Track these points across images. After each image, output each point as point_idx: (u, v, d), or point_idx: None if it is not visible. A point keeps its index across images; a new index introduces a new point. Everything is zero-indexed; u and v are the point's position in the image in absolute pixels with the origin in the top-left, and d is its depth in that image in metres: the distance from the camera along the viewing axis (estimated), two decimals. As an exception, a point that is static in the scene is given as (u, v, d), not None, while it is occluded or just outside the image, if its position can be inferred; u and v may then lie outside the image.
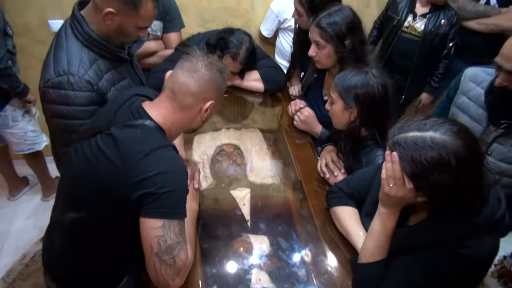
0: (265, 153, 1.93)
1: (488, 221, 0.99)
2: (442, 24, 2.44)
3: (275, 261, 1.38)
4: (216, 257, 1.38)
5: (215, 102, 1.22)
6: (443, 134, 0.92)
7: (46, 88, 1.33)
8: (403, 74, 2.65)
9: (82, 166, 1.14)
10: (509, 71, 1.33)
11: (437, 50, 2.54)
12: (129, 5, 1.29)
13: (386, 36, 2.66)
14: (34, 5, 2.39)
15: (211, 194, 1.67)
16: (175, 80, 1.18)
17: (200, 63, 1.18)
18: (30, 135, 2.51)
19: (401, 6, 2.52)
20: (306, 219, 1.53)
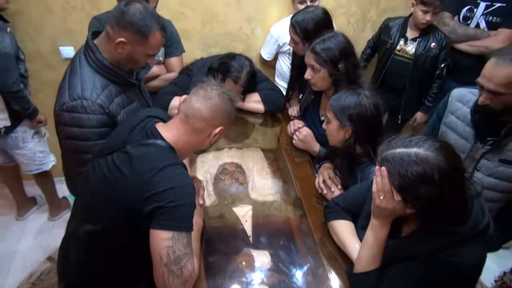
0: (266, 172, 2.00)
1: (473, 231, 1.06)
2: (432, 47, 2.55)
3: (276, 275, 1.43)
4: (220, 271, 1.43)
5: (224, 128, 1.32)
6: (427, 150, 1.00)
7: (61, 111, 1.43)
8: (397, 94, 2.75)
9: (99, 181, 1.22)
10: (490, 90, 1.42)
11: (429, 72, 2.64)
12: (139, 35, 1.40)
13: (380, 58, 2.78)
14: (46, 32, 2.52)
15: (215, 211, 1.73)
16: (189, 105, 1.27)
17: (214, 92, 1.28)
18: (39, 155, 2.60)
19: (393, 30, 2.64)
20: (305, 234, 1.58)
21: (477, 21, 2.65)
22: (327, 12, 2.01)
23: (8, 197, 2.97)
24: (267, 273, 1.44)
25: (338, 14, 2.87)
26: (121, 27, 1.40)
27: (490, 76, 1.41)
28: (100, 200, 1.22)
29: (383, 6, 2.90)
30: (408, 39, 2.61)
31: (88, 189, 1.28)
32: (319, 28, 1.87)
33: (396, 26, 2.64)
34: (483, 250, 1.09)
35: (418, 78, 2.66)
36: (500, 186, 1.61)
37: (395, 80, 2.70)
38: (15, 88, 2.17)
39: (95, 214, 1.25)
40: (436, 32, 2.57)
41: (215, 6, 2.65)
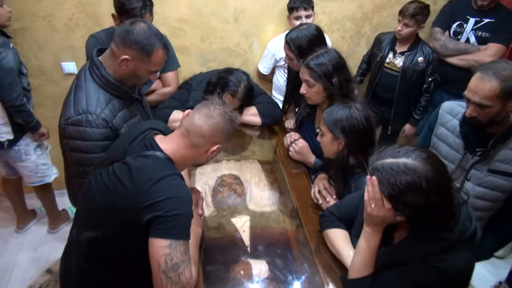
0: (264, 183, 2.05)
1: (461, 237, 1.11)
2: (419, 61, 2.63)
3: (274, 284, 1.47)
4: (218, 280, 1.47)
5: (221, 146, 1.38)
6: (414, 160, 1.06)
7: (67, 125, 1.48)
8: (387, 106, 2.84)
9: (99, 190, 1.27)
10: (476, 103, 1.48)
11: (416, 85, 2.72)
12: (143, 53, 1.47)
13: (372, 70, 2.87)
14: (49, 49, 2.59)
15: (213, 222, 1.78)
16: (191, 121, 1.33)
17: (217, 111, 1.34)
18: (42, 168, 2.63)
19: (384, 44, 2.74)
20: (302, 244, 1.62)
21: (467, 36, 2.75)
22: (319, 29, 2.09)
23: (8, 210, 3.00)
24: (265, 281, 1.48)
25: (333, 30, 2.96)
26: (125, 45, 1.46)
27: (476, 90, 1.47)
28: (101, 208, 1.27)
29: (376, 22, 2.99)
30: (397, 52, 2.70)
31: (90, 197, 1.33)
32: (312, 45, 1.95)
33: (387, 39, 2.74)
34: (470, 255, 1.13)
35: (406, 91, 2.74)
36: (489, 195, 1.66)
37: (385, 92, 2.80)
38: (19, 102, 2.23)
39: (95, 221, 1.30)
40: (424, 47, 2.66)
41: (214, 23, 2.73)
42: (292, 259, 1.57)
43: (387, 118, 2.89)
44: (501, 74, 1.42)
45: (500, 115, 1.50)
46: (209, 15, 2.69)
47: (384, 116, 2.89)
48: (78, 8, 2.48)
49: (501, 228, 1.75)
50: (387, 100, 2.82)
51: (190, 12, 2.65)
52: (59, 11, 2.46)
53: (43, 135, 2.51)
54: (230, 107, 1.43)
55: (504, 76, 1.42)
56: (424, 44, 2.68)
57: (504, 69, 1.43)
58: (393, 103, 2.80)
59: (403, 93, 2.75)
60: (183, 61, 2.72)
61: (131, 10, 1.93)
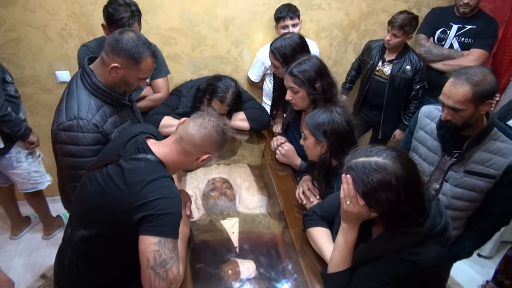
0: (253, 186, 2.10)
1: (432, 232, 1.17)
2: (407, 69, 2.71)
3: (261, 282, 1.53)
4: (206, 279, 1.52)
5: (211, 155, 1.45)
6: (385, 158, 1.13)
7: (59, 130, 1.54)
8: (378, 110, 2.93)
9: (94, 190, 1.33)
10: (450, 107, 1.55)
11: (404, 92, 2.80)
12: (132, 60, 1.54)
13: (363, 77, 2.95)
14: (43, 57, 2.65)
15: (203, 224, 1.83)
16: (185, 129, 1.40)
17: (211, 123, 1.40)
18: (34, 175, 2.66)
19: (374, 52, 2.82)
20: (288, 244, 1.68)
21: (450, 42, 2.84)
22: (302, 37, 2.17)
23: (2, 217, 3.04)
24: (252, 280, 1.53)
25: (321, 37, 3.04)
26: (115, 53, 1.53)
27: (449, 94, 1.54)
28: (94, 208, 1.33)
29: (363, 29, 3.08)
30: (386, 60, 2.78)
31: (84, 197, 1.38)
32: (296, 53, 2.02)
33: (377, 47, 2.82)
34: (441, 249, 1.19)
35: (395, 97, 2.82)
36: (466, 195, 1.72)
37: (375, 98, 2.88)
38: (2, 112, 2.22)
39: (89, 220, 1.36)
40: (412, 55, 2.73)
41: (204, 32, 2.81)
42: (278, 259, 1.62)
43: (377, 122, 2.98)
44: (472, 79, 1.49)
45: (474, 118, 1.56)
46: (199, 24, 2.77)
47: (375, 120, 2.98)
48: (71, 19, 2.54)
49: (479, 228, 1.80)
50: (377, 106, 2.90)
51: (181, 21, 2.72)
52: (53, 22, 2.53)
53: (33, 143, 2.54)
54: (225, 120, 1.50)
55: (476, 81, 1.48)
56: (412, 53, 2.76)
57: (475, 74, 1.50)
58: (383, 109, 2.88)
59: (392, 99, 2.83)
60: (174, 69, 2.80)
61: (119, 20, 2.00)
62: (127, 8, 2.05)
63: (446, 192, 1.76)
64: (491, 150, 1.63)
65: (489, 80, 1.49)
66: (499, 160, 1.61)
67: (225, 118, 2.34)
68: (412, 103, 2.83)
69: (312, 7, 2.89)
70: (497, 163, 1.62)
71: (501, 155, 1.61)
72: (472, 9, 2.71)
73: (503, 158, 1.61)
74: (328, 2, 2.89)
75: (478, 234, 1.81)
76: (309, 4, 2.87)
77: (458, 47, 2.82)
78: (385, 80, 2.78)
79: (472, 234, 1.82)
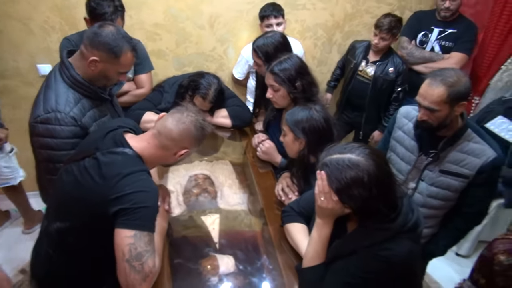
0: (234, 183, 2.12)
1: (403, 228, 1.20)
2: (390, 71, 2.75)
3: (239, 277, 1.55)
4: (185, 273, 1.53)
5: (189, 150, 1.46)
6: (358, 155, 1.15)
7: (36, 123, 1.53)
8: (359, 111, 2.96)
9: (70, 183, 1.33)
10: (425, 107, 1.59)
11: (386, 93, 2.84)
12: (111, 54, 1.53)
13: (345, 77, 2.98)
14: (25, 50, 2.62)
15: (184, 219, 1.84)
16: (163, 124, 1.41)
17: (189, 118, 1.42)
18: (4, 170, 2.62)
19: (358, 52, 2.85)
20: (267, 240, 1.70)
21: (431, 45, 2.90)
22: (284, 36, 2.19)
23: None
24: (231, 275, 1.55)
25: (305, 37, 3.07)
26: (94, 47, 1.53)
27: (425, 95, 1.58)
28: (71, 200, 1.33)
29: (347, 30, 3.11)
30: (369, 61, 2.82)
31: (60, 190, 1.38)
32: (278, 51, 2.04)
33: (362, 47, 2.85)
34: (413, 245, 1.22)
35: (376, 98, 2.86)
36: (441, 194, 1.76)
37: (357, 98, 2.91)
38: None
39: (65, 212, 1.36)
40: (395, 58, 2.78)
41: (189, 28, 2.81)
42: (257, 254, 1.64)
43: (359, 123, 3.02)
44: (447, 81, 1.53)
45: (449, 119, 1.60)
46: (184, 21, 2.77)
47: (356, 121, 3.02)
48: (54, 12, 2.52)
49: (453, 226, 1.84)
50: (359, 106, 2.94)
51: (166, 17, 2.72)
52: (35, 14, 2.50)
53: (1, 139, 2.50)
54: (203, 115, 1.50)
55: (451, 82, 1.52)
56: (395, 55, 2.79)
57: (450, 76, 1.54)
58: (364, 109, 2.92)
59: (374, 100, 2.87)
60: (159, 65, 2.80)
61: (102, 14, 1.99)
62: (111, 3, 2.04)
63: (422, 190, 1.79)
64: (465, 150, 1.67)
65: (463, 82, 1.53)
66: (472, 161, 1.66)
67: (204, 114, 2.34)
68: (392, 104, 2.87)
69: (297, 7, 2.92)
70: (470, 163, 1.66)
71: (474, 155, 1.65)
72: (453, 14, 2.77)
73: (476, 159, 1.65)
74: (313, 2, 2.92)
75: (452, 232, 1.85)
76: (294, 4, 2.89)
77: (439, 50, 2.88)
78: (368, 80, 2.82)
79: (446, 233, 1.87)
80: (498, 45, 2.83)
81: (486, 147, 1.65)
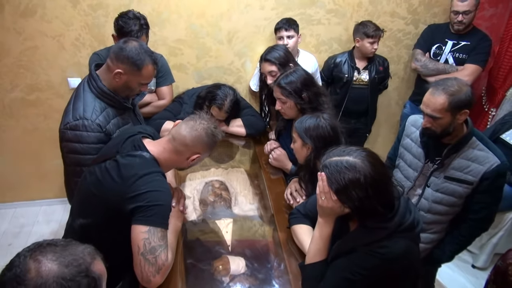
0: (248, 189, 2.21)
1: (400, 227, 1.26)
2: (380, 70, 2.94)
3: (249, 278, 1.63)
4: (198, 272, 1.63)
5: (201, 156, 1.57)
6: (355, 158, 1.23)
7: (65, 129, 1.69)
8: (356, 118, 3.10)
9: (92, 183, 1.47)
10: (429, 115, 1.65)
11: (377, 89, 3.11)
12: (134, 67, 1.68)
13: (339, 90, 3.04)
14: (57, 65, 2.81)
15: (199, 223, 1.94)
16: (178, 131, 1.53)
17: (201, 126, 1.54)
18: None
19: (345, 66, 2.96)
20: (277, 243, 1.77)
21: (445, 57, 2.95)
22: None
23: None
24: (241, 276, 1.63)
25: (321, 50, 3.17)
26: (119, 60, 1.68)
27: (428, 103, 1.65)
28: (92, 198, 1.45)
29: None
30: (360, 69, 2.94)
31: (84, 189, 1.52)
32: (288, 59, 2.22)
33: (344, 61, 2.97)
34: (410, 243, 1.28)
35: (374, 96, 3.09)
36: (446, 200, 1.81)
37: (356, 104, 3.03)
38: None
39: (87, 210, 1.49)
40: (378, 57, 2.95)
41: (209, 43, 2.96)
42: (267, 257, 1.73)
43: (357, 129, 3.16)
44: (449, 90, 1.59)
45: (452, 126, 1.66)
46: (204, 37, 2.92)
47: (357, 127, 3.16)
48: (84, 30, 2.72)
49: (459, 233, 1.87)
50: (356, 112, 3.07)
51: (187, 33, 2.88)
52: (67, 32, 2.70)
53: None
54: (215, 123, 1.62)
55: (452, 91, 1.59)
56: (376, 55, 2.96)
57: (452, 86, 1.60)
58: (367, 111, 3.09)
59: (372, 99, 3.07)
60: (180, 78, 2.95)
61: (129, 32, 2.16)
62: (137, 21, 2.21)
63: (428, 196, 1.84)
64: (470, 157, 1.72)
65: (464, 91, 1.59)
66: (476, 167, 1.70)
67: (220, 123, 2.46)
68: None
69: (312, 22, 3.03)
70: (474, 170, 1.70)
71: (478, 162, 1.70)
72: (466, 27, 2.81)
73: (480, 166, 1.69)
74: (327, 17, 3.03)
75: (458, 238, 1.88)
76: (309, 20, 3.01)
77: (453, 62, 2.92)
78: (365, 86, 2.97)
79: (452, 239, 1.90)
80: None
81: (490, 154, 1.69)
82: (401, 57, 3.30)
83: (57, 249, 0.89)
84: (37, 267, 0.84)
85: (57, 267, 0.86)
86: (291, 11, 2.92)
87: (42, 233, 3.09)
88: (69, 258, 0.88)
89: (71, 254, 0.90)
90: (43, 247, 0.89)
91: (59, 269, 0.86)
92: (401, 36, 3.21)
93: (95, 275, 0.93)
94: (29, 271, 0.83)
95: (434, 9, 3.13)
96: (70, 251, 0.90)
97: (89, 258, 0.93)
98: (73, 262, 0.88)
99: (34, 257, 0.85)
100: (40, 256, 0.86)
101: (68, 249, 0.91)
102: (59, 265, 0.86)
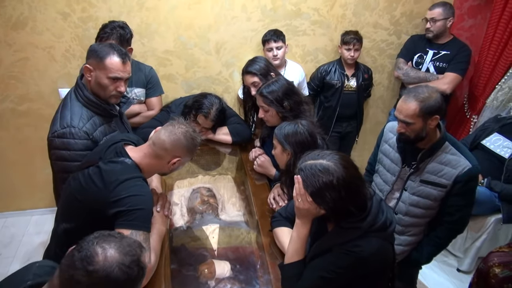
0: (234, 195, 2.27)
1: (372, 227, 1.32)
2: (366, 77, 3.17)
3: (233, 281, 1.67)
4: (184, 277, 1.67)
5: (181, 159, 1.62)
6: (328, 161, 1.29)
7: (53, 137, 1.74)
8: (347, 121, 3.26)
9: (75, 188, 1.52)
10: (402, 120, 1.73)
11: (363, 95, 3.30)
12: (97, 59, 1.72)
13: (331, 96, 3.16)
14: (48, 76, 2.86)
15: (186, 229, 1.98)
16: (157, 136, 1.59)
17: (180, 130, 1.59)
18: None
19: (336, 74, 3.09)
20: (260, 246, 1.82)
21: (427, 66, 3.04)
22: None
23: None
24: (226, 280, 1.68)
25: (307, 60, 3.25)
26: (87, 57, 1.75)
27: (401, 110, 1.72)
28: (75, 203, 1.50)
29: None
30: (349, 76, 3.09)
31: (67, 194, 1.57)
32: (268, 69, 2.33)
33: (334, 69, 3.11)
34: (382, 242, 1.34)
35: (361, 101, 3.24)
36: (422, 203, 1.87)
37: (346, 109, 3.17)
38: None
39: (71, 214, 1.54)
40: (361, 65, 3.18)
41: (197, 54, 3.03)
42: (251, 260, 1.77)
43: (349, 132, 3.32)
44: (419, 97, 1.67)
45: (424, 131, 1.73)
46: (192, 48, 2.99)
47: (348, 130, 3.31)
48: (75, 41, 2.78)
49: (435, 235, 1.93)
50: (346, 117, 3.22)
51: (176, 44, 2.95)
52: (58, 43, 2.76)
53: None
54: (194, 127, 1.67)
55: (422, 98, 1.67)
56: (359, 63, 3.17)
57: (422, 93, 1.68)
58: (356, 115, 3.26)
59: (360, 103, 3.24)
60: (169, 88, 3.01)
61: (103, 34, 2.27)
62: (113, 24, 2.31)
63: (405, 199, 1.91)
64: (443, 161, 1.79)
65: (434, 97, 1.67)
66: (449, 171, 1.77)
67: (206, 131, 2.53)
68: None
69: (298, 33, 3.11)
70: (447, 174, 1.77)
71: (451, 166, 1.77)
72: (437, 36, 2.95)
73: (453, 169, 1.76)
74: (312, 28, 3.11)
75: (434, 240, 1.94)
76: (295, 31, 3.09)
77: (433, 70, 3.02)
78: (353, 91, 3.13)
79: (429, 241, 1.96)
80: (492, 66, 2.95)
81: (462, 158, 1.76)
82: (385, 67, 3.39)
83: (116, 240, 1.01)
84: (104, 252, 0.96)
85: (119, 255, 0.97)
86: (277, 23, 3.01)
87: (32, 243, 3.08)
88: (127, 248, 1.00)
89: (129, 245, 1.01)
90: (106, 236, 1.01)
91: (120, 256, 0.97)
92: (385, 46, 3.30)
93: (144, 265, 1.04)
94: (97, 255, 0.96)
95: (415, 20, 3.23)
96: (127, 242, 1.02)
97: (139, 250, 1.03)
98: (130, 251, 1.00)
99: (100, 244, 0.98)
100: (105, 243, 0.98)
101: (124, 240, 1.02)
102: (120, 253, 0.98)
